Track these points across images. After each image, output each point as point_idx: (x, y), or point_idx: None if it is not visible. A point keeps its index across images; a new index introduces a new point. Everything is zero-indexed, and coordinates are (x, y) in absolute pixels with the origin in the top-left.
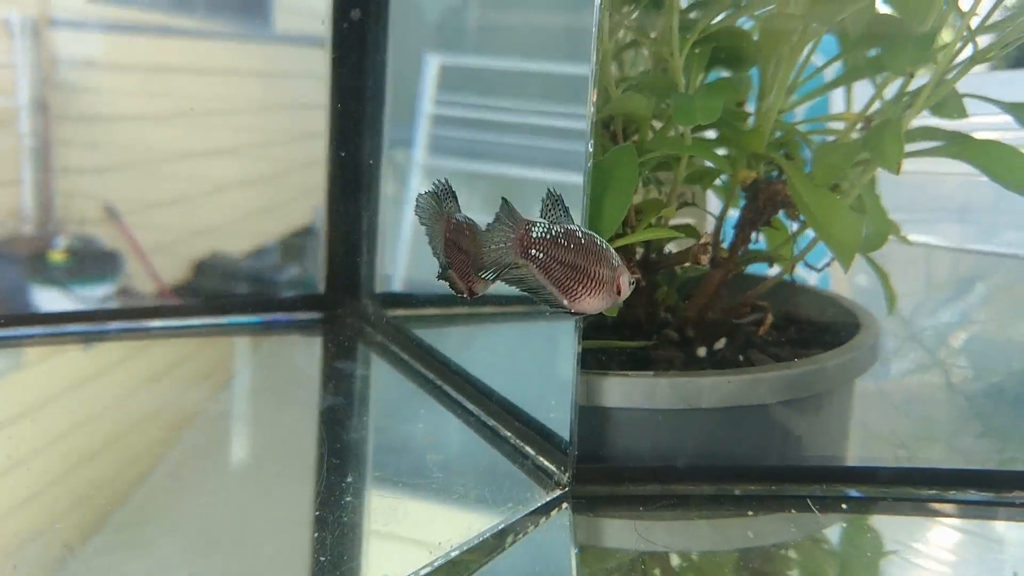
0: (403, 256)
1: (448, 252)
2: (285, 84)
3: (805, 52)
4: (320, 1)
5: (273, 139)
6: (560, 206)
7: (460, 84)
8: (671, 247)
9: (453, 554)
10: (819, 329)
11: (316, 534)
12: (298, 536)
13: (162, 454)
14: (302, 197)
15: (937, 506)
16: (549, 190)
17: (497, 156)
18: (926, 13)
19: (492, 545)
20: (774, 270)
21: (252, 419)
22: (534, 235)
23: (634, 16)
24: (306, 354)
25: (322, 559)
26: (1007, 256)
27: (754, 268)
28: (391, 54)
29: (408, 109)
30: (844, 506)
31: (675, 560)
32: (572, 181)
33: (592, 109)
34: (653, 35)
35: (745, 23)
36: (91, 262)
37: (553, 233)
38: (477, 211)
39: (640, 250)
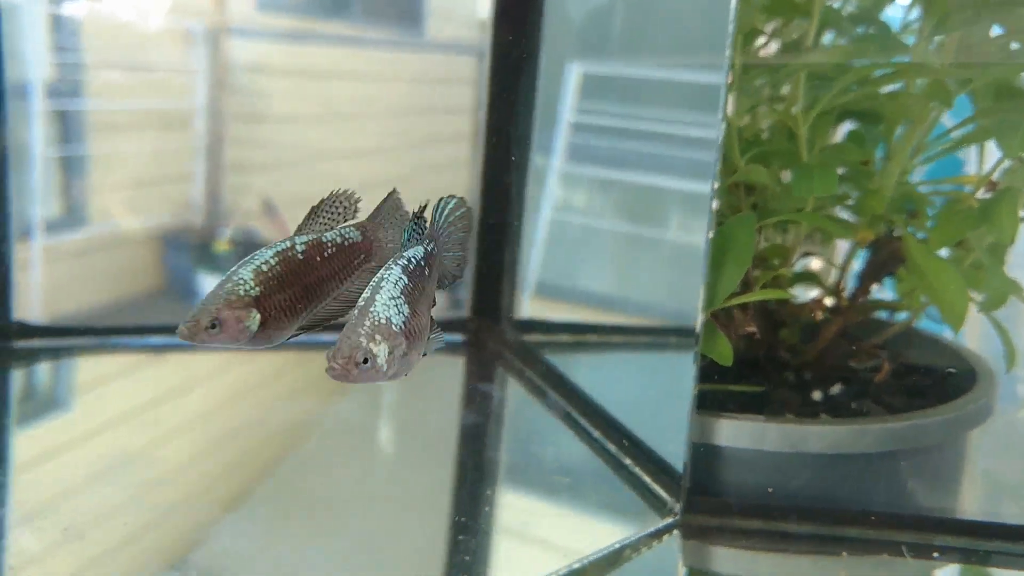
0: (537, 278)
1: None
2: (433, 89)
3: (932, 117)
4: (470, 8)
5: (417, 141)
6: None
7: (601, 92)
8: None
9: (575, 565)
10: (938, 379)
11: (459, 537)
12: (439, 536)
13: (307, 452)
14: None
15: None
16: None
17: (634, 164)
18: None
19: (609, 560)
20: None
21: (397, 430)
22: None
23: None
24: (448, 375)
25: (466, 559)
26: None
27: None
28: (542, 61)
29: (549, 116)
30: (936, 555)
31: None
32: (706, 191)
33: (715, 183)
34: (783, 90)
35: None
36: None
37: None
38: (611, 216)
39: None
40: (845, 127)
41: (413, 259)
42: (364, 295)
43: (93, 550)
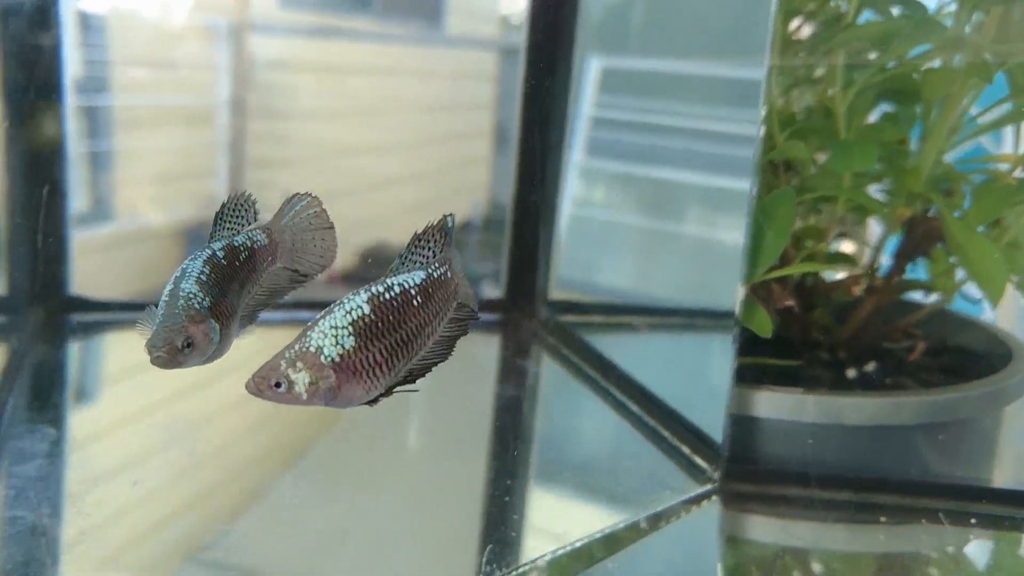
0: (567, 263)
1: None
2: (452, 85)
3: (968, 97)
4: (491, 4)
5: (437, 138)
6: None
7: (621, 87)
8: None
9: (620, 525)
10: (972, 359)
11: (506, 499)
12: (483, 497)
13: (357, 420)
14: (462, 193)
15: None
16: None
17: (655, 159)
18: None
19: (648, 524)
20: (933, 298)
21: (441, 400)
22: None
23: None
24: (485, 351)
25: (515, 517)
26: None
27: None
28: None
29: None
30: (973, 520)
31: (812, 552)
32: (732, 186)
33: (758, 154)
34: (819, 72)
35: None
36: None
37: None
38: (632, 212)
39: (795, 277)
40: (878, 113)
41: (399, 286)
42: (319, 315)
43: (165, 507)
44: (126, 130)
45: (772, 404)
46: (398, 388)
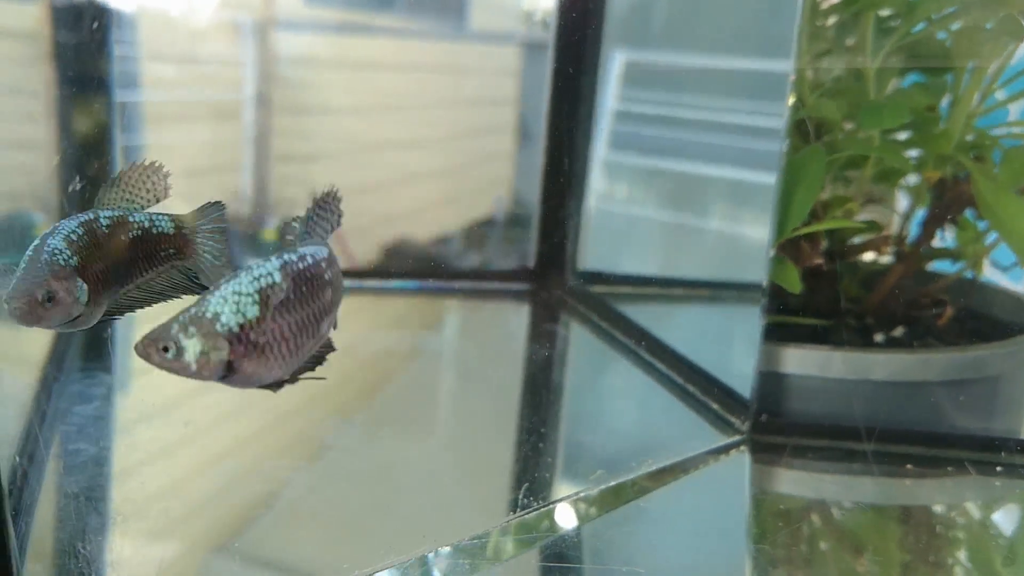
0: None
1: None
2: (477, 80)
3: (1000, 60)
4: (514, 0)
5: (462, 133)
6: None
7: (645, 80)
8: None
9: (652, 468)
10: (1001, 326)
11: (540, 444)
12: (515, 443)
13: (399, 374)
14: (486, 189)
15: None
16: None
17: (678, 152)
18: None
19: (678, 469)
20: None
21: (477, 359)
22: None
23: (831, 23)
24: (517, 317)
25: (548, 460)
26: None
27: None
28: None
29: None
30: (999, 468)
31: (839, 497)
32: (755, 179)
33: (788, 112)
34: (850, 42)
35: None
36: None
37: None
38: (654, 206)
39: (825, 241)
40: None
41: (312, 256)
42: (225, 278)
43: (214, 446)
44: (154, 125)
45: (801, 361)
46: (305, 375)
